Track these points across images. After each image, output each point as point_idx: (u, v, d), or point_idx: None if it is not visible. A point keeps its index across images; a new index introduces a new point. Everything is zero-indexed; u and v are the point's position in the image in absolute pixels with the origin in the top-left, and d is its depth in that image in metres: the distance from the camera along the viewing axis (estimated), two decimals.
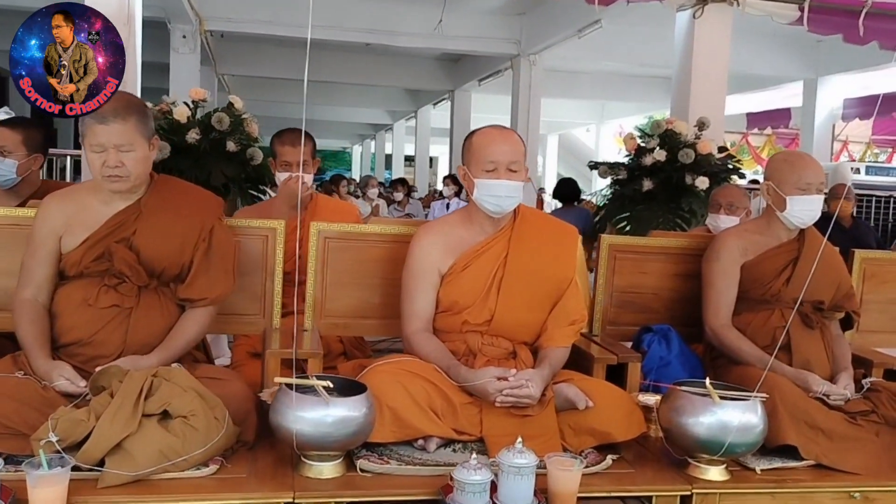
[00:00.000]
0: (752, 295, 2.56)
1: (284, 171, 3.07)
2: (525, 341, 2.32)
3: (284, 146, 3.08)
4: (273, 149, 3.15)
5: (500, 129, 2.32)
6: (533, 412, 2.10)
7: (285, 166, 3.07)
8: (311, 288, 2.50)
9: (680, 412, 2.03)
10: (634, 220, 5.41)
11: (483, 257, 2.30)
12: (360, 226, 2.55)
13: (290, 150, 3.06)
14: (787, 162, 2.55)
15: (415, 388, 2.04)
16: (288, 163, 3.06)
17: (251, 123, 4.77)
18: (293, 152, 3.04)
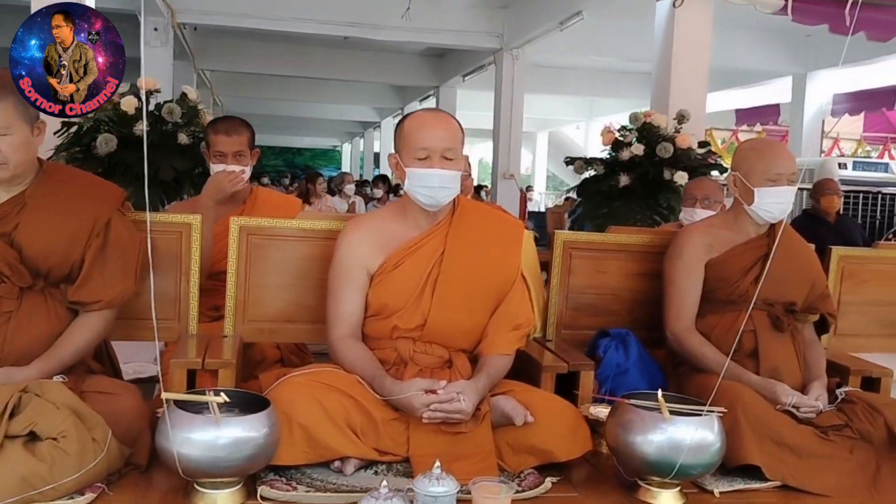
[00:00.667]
0: (717, 295, 2.34)
1: (218, 162, 2.82)
2: (463, 348, 2.10)
3: (218, 135, 2.82)
4: (206, 138, 2.91)
5: (435, 113, 2.10)
6: (466, 429, 1.88)
7: (219, 157, 2.81)
8: (232, 289, 2.27)
9: (628, 429, 1.81)
10: (612, 217, 5.20)
11: (416, 255, 2.07)
12: (287, 221, 2.32)
13: (224, 139, 2.80)
14: (756, 151, 2.33)
15: (330, 404, 1.81)
16: (222, 153, 2.80)
17: (206, 115, 4.53)
18: (228, 142, 2.79)
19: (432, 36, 9.52)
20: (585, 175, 5.45)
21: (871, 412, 2.10)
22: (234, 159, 2.79)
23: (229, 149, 2.79)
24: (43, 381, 1.70)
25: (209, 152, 2.87)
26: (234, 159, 2.79)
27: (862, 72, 10.12)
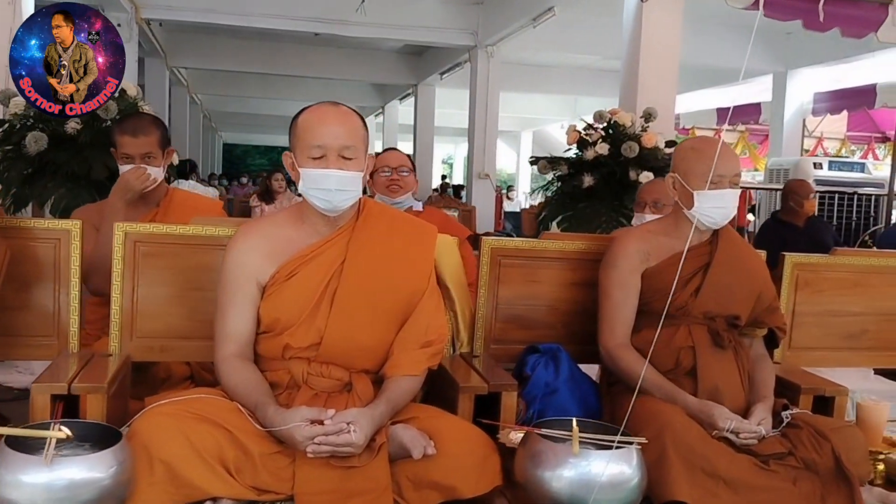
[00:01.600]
0: (654, 308, 2.13)
1: (125, 163, 2.59)
2: (366, 369, 1.88)
3: (124, 136, 2.57)
4: (113, 139, 2.65)
5: (334, 107, 1.88)
6: (359, 462, 1.67)
7: (125, 160, 2.57)
8: (117, 303, 2.05)
9: (537, 462, 1.61)
10: (576, 220, 5.01)
11: (313, 264, 1.86)
12: (179, 226, 2.10)
13: (129, 140, 2.56)
14: (695, 150, 2.13)
15: (198, 437, 1.60)
16: (128, 156, 2.56)
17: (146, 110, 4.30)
18: (134, 143, 2.55)
19: (406, 32, 9.33)
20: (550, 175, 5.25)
21: (817, 438, 1.89)
22: (141, 161, 2.56)
23: (136, 150, 2.56)
24: None
25: (116, 153, 2.64)
26: (141, 161, 2.56)
27: (842, 70, 9.98)
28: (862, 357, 2.62)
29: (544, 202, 5.57)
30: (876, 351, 2.61)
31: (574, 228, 4.94)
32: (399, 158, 3.03)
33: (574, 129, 5.21)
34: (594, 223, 4.89)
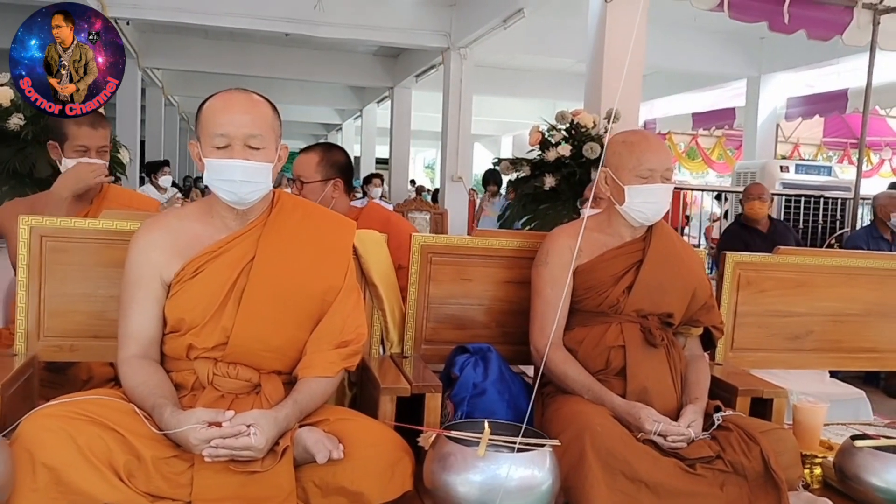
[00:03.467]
0: (586, 306, 2.07)
1: (79, 156, 2.50)
2: (277, 370, 1.80)
3: (82, 127, 2.50)
4: (62, 131, 2.53)
5: (241, 94, 1.80)
6: (262, 467, 1.58)
7: (81, 151, 2.50)
8: (23, 300, 1.96)
9: (445, 466, 1.54)
10: (538, 221, 4.95)
11: (220, 260, 1.77)
12: (88, 220, 2.01)
13: (89, 131, 2.49)
14: (626, 144, 2.06)
15: (86, 440, 1.50)
16: (85, 147, 2.49)
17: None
18: (93, 135, 2.49)
19: (378, 34, 9.25)
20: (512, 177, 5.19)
21: (746, 441, 1.83)
22: (97, 154, 2.51)
23: (94, 143, 2.49)
24: None
25: (64, 146, 2.53)
26: (97, 154, 2.51)
27: (815, 75, 10.01)
28: (807, 359, 2.56)
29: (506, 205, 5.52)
30: (821, 352, 2.56)
31: (537, 230, 4.88)
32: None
33: (537, 129, 5.15)
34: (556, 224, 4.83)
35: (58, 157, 2.59)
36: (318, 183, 2.68)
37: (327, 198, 2.68)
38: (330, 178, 2.69)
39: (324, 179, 2.68)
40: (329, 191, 2.69)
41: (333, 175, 2.71)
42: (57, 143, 2.56)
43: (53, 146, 2.60)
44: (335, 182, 2.70)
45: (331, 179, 2.69)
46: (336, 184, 2.71)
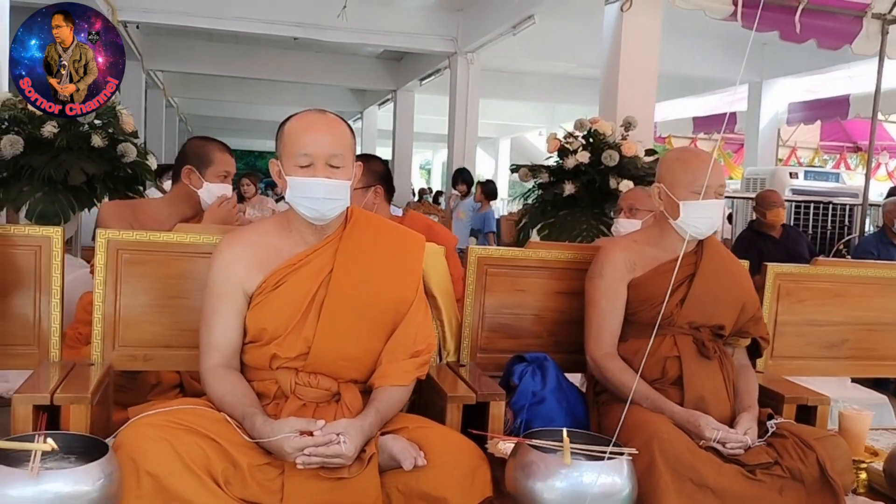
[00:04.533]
0: (640, 318, 2.15)
1: (219, 181, 2.72)
2: (354, 379, 1.87)
3: (225, 154, 2.77)
4: (206, 156, 2.72)
5: (321, 115, 1.87)
6: (349, 474, 1.65)
7: (222, 176, 2.73)
8: (100, 311, 2.02)
9: (528, 473, 1.61)
10: (557, 228, 5.02)
11: (300, 273, 1.84)
12: (163, 234, 2.07)
13: (230, 158, 2.79)
14: (681, 161, 2.14)
15: (186, 448, 1.57)
16: (227, 172, 2.75)
17: (124, 115, 4.25)
18: (232, 162, 2.79)
19: (385, 38, 9.32)
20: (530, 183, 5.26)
21: (802, 448, 1.91)
22: (230, 179, 2.78)
23: (232, 169, 2.78)
24: None
25: (206, 171, 2.71)
26: (230, 179, 2.78)
27: (816, 81, 10.14)
28: (841, 366, 2.65)
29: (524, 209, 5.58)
30: (855, 360, 2.64)
31: (554, 236, 4.96)
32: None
33: (554, 137, 5.23)
34: (575, 231, 4.91)
35: (196, 182, 2.67)
36: (360, 190, 2.76)
37: (369, 204, 2.75)
38: (371, 185, 2.78)
39: (365, 186, 2.76)
40: (370, 197, 2.77)
41: (374, 182, 2.79)
42: (194, 168, 2.66)
43: (190, 171, 2.68)
44: (376, 189, 2.79)
45: (371, 186, 2.78)
46: (377, 190, 2.79)
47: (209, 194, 2.69)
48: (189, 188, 2.70)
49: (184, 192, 2.72)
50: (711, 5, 5.51)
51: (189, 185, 2.70)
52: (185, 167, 2.69)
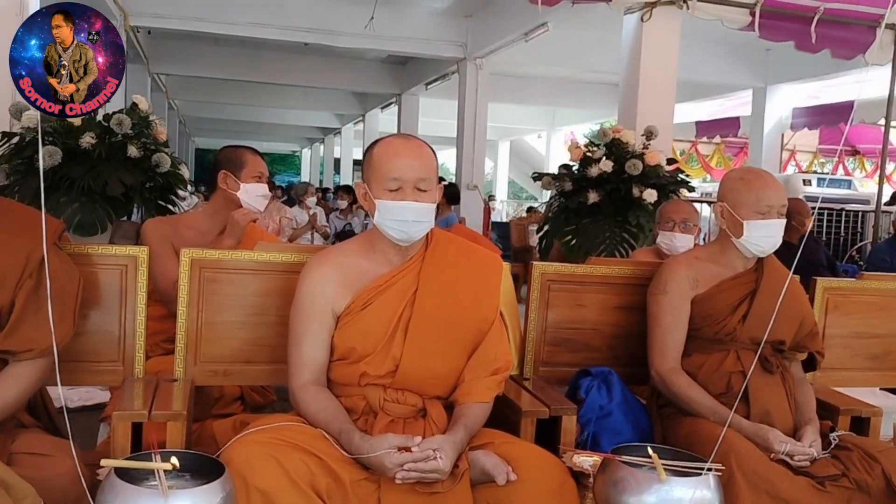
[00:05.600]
0: (704, 334, 2.22)
1: (256, 182, 2.77)
2: (438, 395, 1.93)
3: (256, 156, 2.85)
4: (238, 159, 2.79)
5: (408, 140, 1.93)
6: (443, 488, 1.71)
7: (257, 177, 2.78)
8: (183, 328, 2.07)
9: (619, 488, 1.67)
10: (580, 235, 5.09)
11: (387, 293, 1.90)
12: (244, 252, 2.12)
13: (260, 160, 2.85)
14: (744, 181, 2.21)
15: (292, 464, 1.63)
16: (261, 174, 2.80)
17: (158, 126, 4.29)
18: (263, 164, 2.84)
19: (395, 44, 9.38)
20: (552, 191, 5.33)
21: (867, 460, 1.98)
22: (264, 180, 2.80)
23: (265, 171, 2.82)
24: None
25: (241, 173, 2.76)
26: (264, 180, 2.80)
27: (821, 87, 10.25)
28: (884, 377, 2.73)
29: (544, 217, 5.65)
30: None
31: (578, 244, 5.03)
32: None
33: (576, 145, 5.30)
34: (598, 238, 4.98)
35: (232, 185, 2.73)
36: None
37: None
38: None
39: None
40: None
41: None
42: (230, 172, 2.71)
43: (225, 175, 2.74)
44: None
45: None
46: None
47: (248, 194, 2.73)
48: (227, 193, 2.74)
49: (222, 199, 2.76)
50: (729, 16, 5.61)
51: (227, 189, 2.74)
52: (220, 172, 2.76)
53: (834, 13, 5.65)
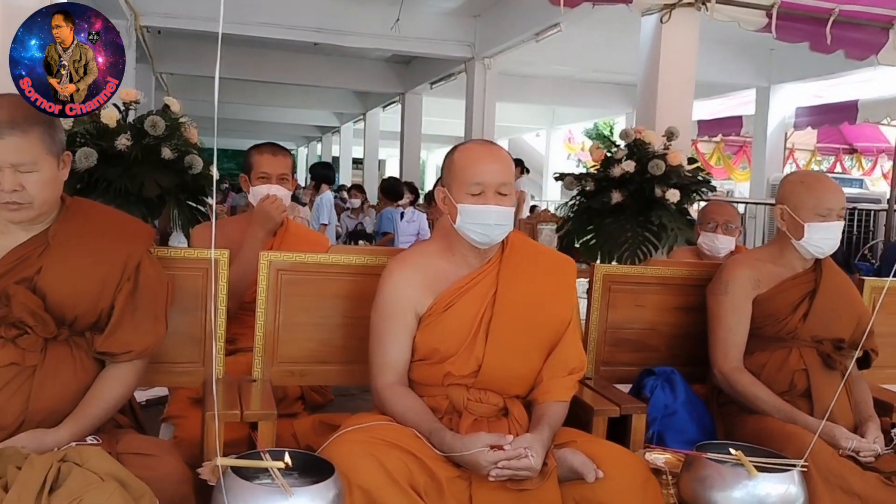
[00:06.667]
0: (765, 332, 2.27)
1: (262, 183, 2.73)
2: (517, 395, 1.97)
3: (263, 155, 2.77)
4: (248, 161, 2.81)
5: (488, 146, 1.97)
6: (532, 485, 1.76)
7: (263, 178, 2.74)
8: (261, 330, 2.11)
9: (706, 485, 1.72)
10: (601, 234, 5.14)
11: (468, 295, 1.94)
12: (318, 255, 2.16)
13: (269, 158, 2.76)
14: (805, 185, 2.26)
15: (391, 462, 1.67)
16: (267, 174, 2.74)
17: (190, 128, 4.31)
18: (273, 162, 2.75)
19: (402, 43, 9.40)
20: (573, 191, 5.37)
21: None
22: (277, 181, 2.73)
23: (273, 170, 2.74)
24: (81, 446, 1.53)
25: (249, 176, 2.78)
26: (277, 181, 2.73)
27: (824, 85, 10.35)
28: None
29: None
30: None
31: (599, 243, 5.08)
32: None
33: (597, 146, 5.35)
34: (620, 238, 5.03)
35: (247, 189, 2.76)
36: None
37: None
38: None
39: None
40: None
41: None
42: (246, 176, 2.75)
43: (244, 180, 2.78)
44: None
45: None
46: None
47: (255, 197, 2.76)
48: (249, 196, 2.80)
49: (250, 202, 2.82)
50: (746, 17, 5.67)
51: (247, 192, 2.81)
52: (240, 176, 2.81)
53: (848, 14, 5.71)
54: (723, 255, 3.34)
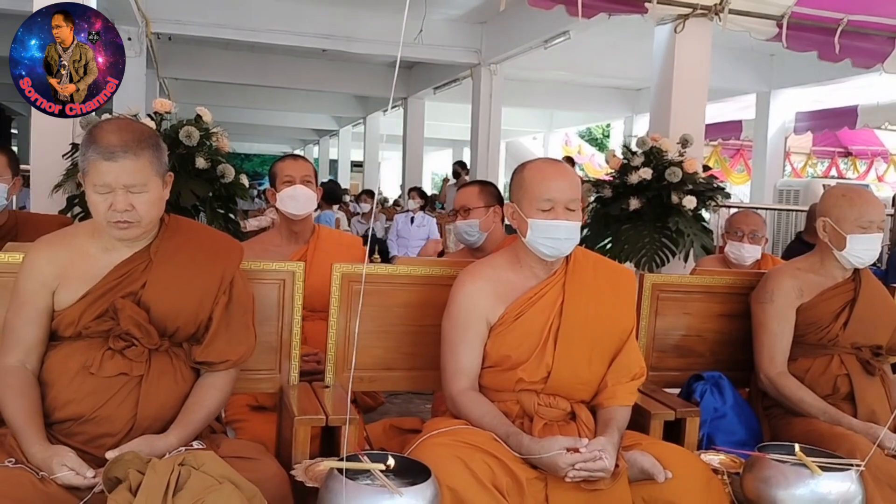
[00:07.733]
0: (808, 339, 2.39)
1: (287, 186, 2.87)
2: (583, 400, 2.08)
3: (285, 161, 2.98)
4: (272, 172, 2.97)
5: (556, 164, 2.08)
6: (604, 486, 1.86)
7: (288, 181, 2.88)
8: (333, 339, 2.21)
9: (770, 484, 1.83)
10: (619, 240, 5.25)
11: (537, 305, 2.05)
12: (386, 265, 2.27)
13: (291, 163, 2.95)
14: (846, 198, 2.38)
15: (476, 464, 1.77)
16: (291, 177, 2.89)
17: (221, 137, 4.40)
18: (295, 165, 2.94)
19: (409, 49, 9.48)
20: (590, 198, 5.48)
21: None
22: (302, 183, 2.88)
23: (298, 173, 2.90)
24: (196, 451, 1.62)
25: (276, 183, 2.91)
26: (302, 183, 2.88)
27: (823, 91, 10.51)
28: None
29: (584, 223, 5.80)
30: None
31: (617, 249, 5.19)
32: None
33: (613, 154, 5.46)
34: (637, 244, 5.14)
35: (273, 199, 2.88)
36: (482, 208, 2.97)
37: (488, 222, 2.95)
38: (490, 205, 2.99)
39: (485, 206, 2.98)
40: (490, 216, 2.97)
41: (492, 203, 3.00)
42: (272, 187, 2.87)
43: (271, 193, 2.89)
44: (494, 209, 2.99)
45: (491, 206, 2.98)
46: (496, 210, 3.00)
47: (282, 203, 2.87)
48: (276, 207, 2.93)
49: None
50: (758, 27, 5.80)
51: (274, 204, 2.92)
52: (267, 191, 2.96)
53: (856, 24, 5.86)
54: (749, 263, 3.46)
